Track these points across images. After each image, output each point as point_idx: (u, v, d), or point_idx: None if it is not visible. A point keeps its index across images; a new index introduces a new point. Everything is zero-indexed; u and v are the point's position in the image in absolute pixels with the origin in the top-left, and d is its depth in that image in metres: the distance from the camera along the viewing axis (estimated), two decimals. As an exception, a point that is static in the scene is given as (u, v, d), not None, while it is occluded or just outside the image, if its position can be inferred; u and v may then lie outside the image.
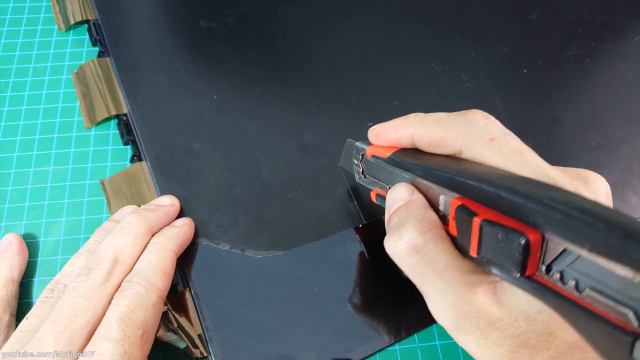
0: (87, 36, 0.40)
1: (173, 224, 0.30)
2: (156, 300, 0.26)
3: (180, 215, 0.31)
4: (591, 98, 0.38)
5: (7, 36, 0.39)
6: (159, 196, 0.32)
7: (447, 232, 0.21)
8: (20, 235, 0.31)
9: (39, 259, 0.31)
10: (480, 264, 0.20)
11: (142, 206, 0.31)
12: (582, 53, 0.40)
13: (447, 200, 0.21)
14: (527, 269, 0.17)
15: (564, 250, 0.16)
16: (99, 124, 0.36)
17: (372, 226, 0.32)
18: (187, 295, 0.30)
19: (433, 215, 0.22)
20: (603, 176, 0.33)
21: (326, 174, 0.33)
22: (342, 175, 0.33)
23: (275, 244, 0.31)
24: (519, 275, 0.17)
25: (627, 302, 0.14)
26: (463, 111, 0.23)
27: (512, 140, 0.21)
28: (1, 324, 0.28)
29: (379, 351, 0.29)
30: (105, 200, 0.33)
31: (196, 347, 0.28)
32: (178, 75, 0.37)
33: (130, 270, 0.26)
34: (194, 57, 0.38)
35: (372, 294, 0.30)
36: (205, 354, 0.28)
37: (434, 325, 0.30)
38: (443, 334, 0.30)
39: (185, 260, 0.30)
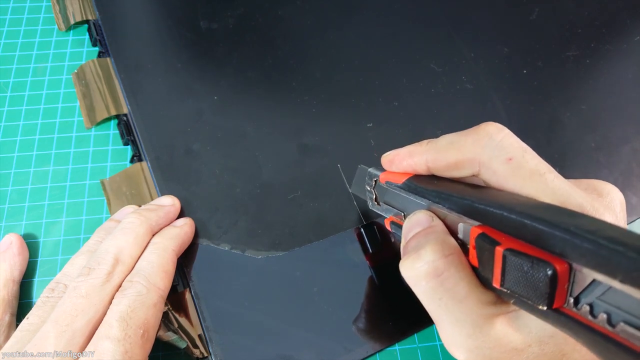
0: (87, 36, 0.40)
1: (174, 224, 0.30)
2: (157, 300, 0.26)
3: (181, 215, 0.31)
4: (591, 98, 0.38)
5: (7, 36, 0.39)
6: (159, 196, 0.32)
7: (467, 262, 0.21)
8: (21, 235, 0.31)
9: (39, 259, 0.31)
10: (502, 296, 0.19)
11: (143, 206, 0.31)
12: (582, 53, 0.40)
13: (466, 228, 0.20)
14: (555, 301, 0.16)
15: (593, 281, 0.15)
16: (99, 124, 0.36)
17: (370, 228, 0.32)
18: (188, 295, 0.30)
19: (454, 242, 0.21)
20: (603, 176, 0.33)
21: (326, 175, 0.34)
22: (344, 179, 0.33)
23: (275, 245, 0.31)
24: (545, 308, 0.16)
25: None
26: (474, 127, 0.22)
27: (530, 159, 0.20)
28: (2, 324, 0.28)
29: (379, 351, 0.29)
30: (105, 201, 0.33)
31: (196, 347, 0.28)
32: (178, 76, 0.37)
33: (131, 270, 0.26)
34: (194, 58, 0.38)
35: (372, 294, 0.30)
36: (206, 354, 0.28)
37: (434, 325, 0.30)
38: (443, 334, 0.30)
39: (185, 260, 0.30)
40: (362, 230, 0.32)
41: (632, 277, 0.13)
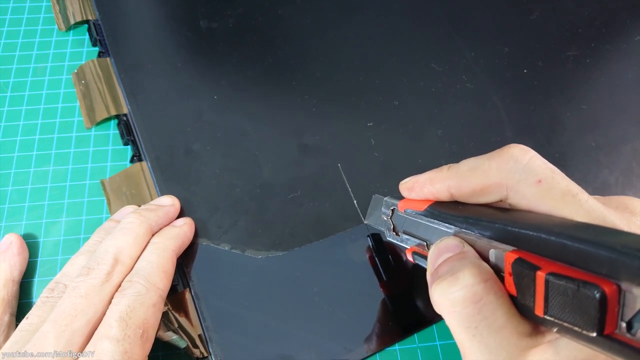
0: (87, 36, 0.40)
1: (173, 223, 0.30)
2: (156, 300, 0.26)
3: (181, 215, 0.31)
4: (591, 98, 0.38)
5: (7, 36, 0.39)
6: (159, 196, 0.32)
7: None
8: (21, 235, 0.31)
9: (39, 259, 0.31)
10: (545, 324, 0.17)
11: (143, 206, 0.31)
12: (582, 53, 0.40)
13: (499, 254, 0.19)
14: (606, 327, 0.15)
15: None
16: (99, 124, 0.36)
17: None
18: (188, 295, 0.30)
19: (489, 267, 0.19)
20: (603, 176, 0.33)
21: (326, 175, 0.33)
22: (344, 178, 0.33)
23: (275, 245, 0.31)
24: (595, 334, 0.15)
25: None
26: (497, 150, 0.21)
27: (561, 180, 0.19)
28: (1, 324, 0.28)
29: (379, 351, 0.29)
30: (105, 201, 0.33)
31: (196, 347, 0.28)
32: (178, 76, 0.37)
33: (131, 270, 0.26)
34: (194, 58, 0.38)
35: (371, 294, 0.30)
36: (206, 354, 0.28)
37: (434, 325, 0.30)
38: (443, 334, 0.30)
39: (185, 260, 0.30)
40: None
41: None
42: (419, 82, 0.38)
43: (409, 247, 0.26)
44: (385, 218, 0.27)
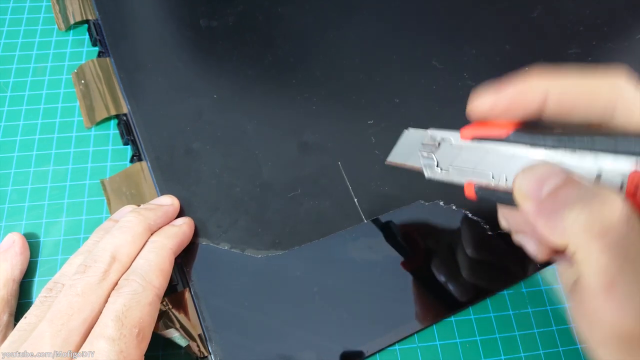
0: (87, 36, 0.40)
1: (172, 223, 0.30)
2: (153, 299, 0.26)
3: (181, 214, 0.31)
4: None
5: (7, 36, 0.39)
6: (159, 196, 0.32)
7: None
8: (21, 234, 0.31)
9: (39, 259, 0.31)
10: None
11: (142, 205, 0.31)
12: (584, 51, 0.40)
13: (615, 176, 0.17)
14: None
15: None
16: (99, 124, 0.36)
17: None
18: (187, 295, 0.30)
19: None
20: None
21: (326, 173, 0.33)
22: (344, 176, 0.33)
23: (275, 244, 0.31)
24: None
25: None
26: (601, 70, 0.19)
27: None
28: (0, 323, 0.28)
29: (379, 351, 0.29)
30: (105, 200, 0.33)
31: (196, 346, 0.28)
32: (178, 75, 0.37)
33: (128, 269, 0.26)
34: (194, 57, 0.38)
35: (372, 294, 0.30)
36: (206, 354, 0.28)
37: (434, 325, 0.30)
38: (443, 333, 0.30)
39: (185, 260, 0.30)
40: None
41: None
42: (419, 80, 0.38)
43: (465, 182, 0.23)
44: (425, 154, 0.24)
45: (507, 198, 0.21)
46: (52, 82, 0.37)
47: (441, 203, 0.33)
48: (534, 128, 0.20)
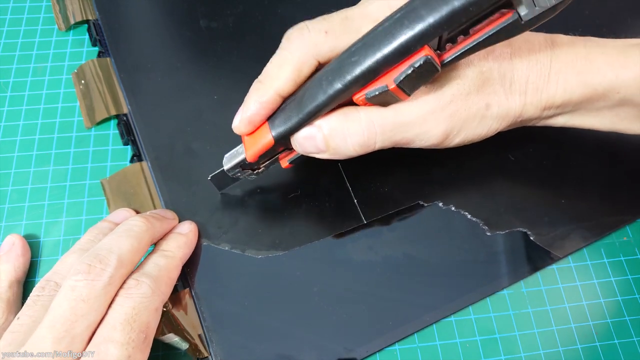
0: (87, 36, 0.40)
1: (179, 230, 0.30)
2: (159, 305, 0.25)
3: (181, 216, 0.31)
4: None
5: (7, 36, 0.39)
6: (159, 196, 0.32)
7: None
8: (21, 235, 0.31)
9: (39, 259, 0.31)
10: None
11: (148, 212, 0.30)
12: (583, 52, 0.40)
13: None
14: None
15: None
16: (99, 124, 0.36)
17: None
18: (188, 295, 0.30)
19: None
20: (605, 174, 0.33)
21: (326, 174, 0.33)
22: (344, 177, 0.33)
23: (275, 244, 0.31)
24: None
25: None
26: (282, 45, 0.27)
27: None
28: (6, 325, 0.26)
29: (379, 351, 0.29)
30: (105, 200, 0.33)
31: (197, 347, 0.28)
32: (178, 75, 0.37)
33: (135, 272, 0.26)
34: (194, 57, 0.38)
35: (372, 294, 0.30)
36: (206, 354, 0.28)
37: (434, 325, 0.30)
38: (443, 333, 0.30)
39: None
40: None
41: None
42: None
43: (283, 165, 0.29)
44: (239, 174, 0.30)
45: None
46: (52, 82, 0.37)
47: (440, 204, 0.33)
48: (282, 111, 0.26)
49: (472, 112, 0.26)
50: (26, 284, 0.31)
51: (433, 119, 0.25)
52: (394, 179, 0.33)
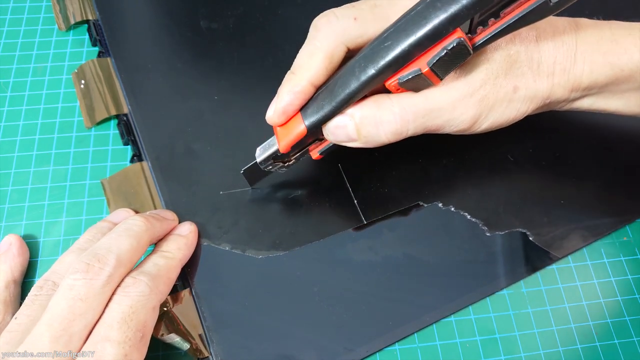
0: (87, 36, 0.40)
1: (179, 232, 0.30)
2: (156, 304, 0.25)
3: (181, 216, 0.31)
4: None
5: (7, 36, 0.39)
6: (159, 196, 0.32)
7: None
8: (20, 235, 0.31)
9: (39, 259, 0.31)
10: None
11: (148, 213, 0.30)
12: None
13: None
14: None
15: None
16: (99, 124, 0.36)
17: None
18: (188, 295, 0.30)
19: None
20: (605, 174, 0.33)
21: (326, 174, 0.33)
22: (344, 178, 0.33)
23: (275, 244, 0.31)
24: None
25: None
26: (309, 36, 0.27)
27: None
28: (3, 325, 0.27)
29: (379, 351, 0.29)
30: (105, 200, 0.33)
31: (197, 347, 0.28)
32: (178, 76, 0.37)
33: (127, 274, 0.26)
34: (194, 58, 0.38)
35: (372, 294, 0.30)
36: (206, 354, 0.28)
37: (434, 325, 0.30)
38: (443, 333, 0.30)
39: (185, 260, 0.30)
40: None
41: None
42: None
43: (314, 156, 0.29)
44: (270, 167, 0.30)
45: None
46: (52, 82, 0.37)
47: (440, 204, 0.33)
48: (315, 100, 0.27)
49: (500, 95, 0.26)
50: (26, 284, 0.31)
51: (463, 104, 0.26)
52: (394, 179, 0.33)
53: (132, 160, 0.34)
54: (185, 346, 0.28)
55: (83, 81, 0.37)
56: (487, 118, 0.27)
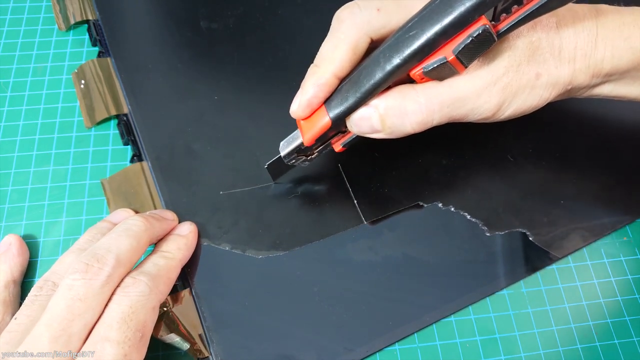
0: (87, 36, 0.40)
1: (179, 232, 0.30)
2: (156, 304, 0.25)
3: (181, 216, 0.31)
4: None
5: (7, 36, 0.39)
6: (159, 196, 0.32)
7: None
8: (20, 235, 0.31)
9: (39, 259, 0.31)
10: None
11: (148, 213, 0.30)
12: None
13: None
14: None
15: None
16: (99, 124, 0.36)
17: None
18: (188, 295, 0.30)
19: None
20: (606, 174, 0.33)
21: (326, 174, 0.33)
22: (344, 178, 0.33)
23: (275, 245, 0.31)
24: None
25: None
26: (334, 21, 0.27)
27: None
28: (2, 325, 0.27)
29: (379, 351, 0.29)
30: (105, 200, 0.33)
31: (197, 347, 0.28)
32: (179, 76, 0.37)
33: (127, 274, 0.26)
34: (194, 58, 0.38)
35: (372, 294, 0.30)
36: (206, 354, 0.28)
37: (434, 325, 0.30)
38: (443, 333, 0.30)
39: (185, 260, 0.30)
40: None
41: None
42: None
43: (337, 145, 0.29)
44: (294, 161, 0.30)
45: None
46: (52, 82, 0.37)
47: (440, 205, 0.33)
48: (339, 94, 0.27)
49: (522, 82, 0.26)
50: (26, 284, 0.31)
51: (487, 92, 0.26)
52: (394, 179, 0.33)
53: (132, 160, 0.34)
54: (185, 346, 0.28)
55: (83, 81, 0.37)
56: (510, 105, 0.27)
